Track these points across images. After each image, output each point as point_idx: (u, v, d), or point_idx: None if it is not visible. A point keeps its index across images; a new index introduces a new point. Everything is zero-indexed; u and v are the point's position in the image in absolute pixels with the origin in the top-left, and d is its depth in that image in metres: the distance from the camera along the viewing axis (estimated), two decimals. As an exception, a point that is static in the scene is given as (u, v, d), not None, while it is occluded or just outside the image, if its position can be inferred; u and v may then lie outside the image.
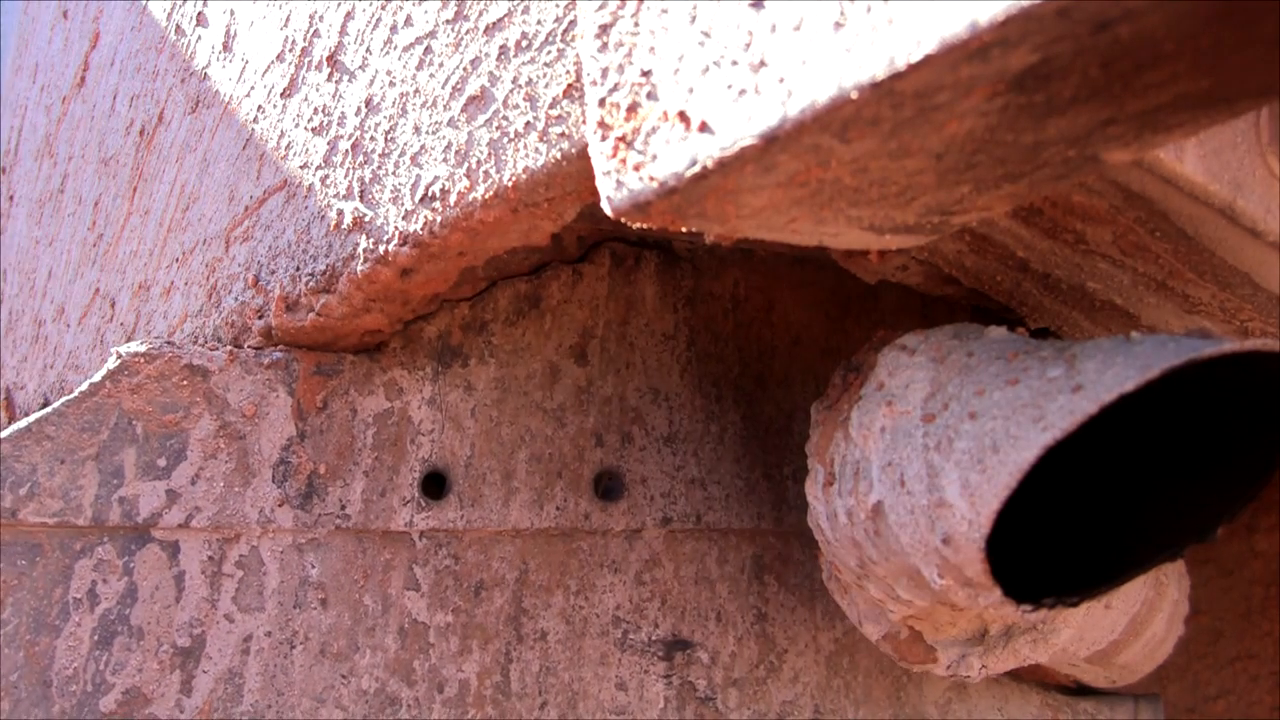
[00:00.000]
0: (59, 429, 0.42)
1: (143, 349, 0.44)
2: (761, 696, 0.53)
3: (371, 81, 0.47)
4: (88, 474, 0.43)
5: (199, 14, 0.64)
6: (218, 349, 0.46)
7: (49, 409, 0.43)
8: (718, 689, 0.51)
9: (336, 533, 0.46)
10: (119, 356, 0.44)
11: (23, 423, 0.42)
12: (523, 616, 0.49)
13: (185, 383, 0.45)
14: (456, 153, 0.41)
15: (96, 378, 0.44)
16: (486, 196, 0.40)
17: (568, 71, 0.37)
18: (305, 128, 0.50)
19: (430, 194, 0.42)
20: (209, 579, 0.44)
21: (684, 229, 0.31)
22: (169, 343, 0.45)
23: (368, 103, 0.46)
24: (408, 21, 0.45)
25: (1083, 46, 0.21)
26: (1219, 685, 0.84)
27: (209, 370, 0.45)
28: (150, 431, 0.44)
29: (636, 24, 0.29)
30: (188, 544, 0.44)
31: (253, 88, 0.56)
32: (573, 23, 0.37)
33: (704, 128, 0.27)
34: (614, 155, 0.30)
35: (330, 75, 0.49)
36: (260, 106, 0.55)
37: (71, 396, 0.43)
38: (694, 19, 0.27)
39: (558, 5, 0.38)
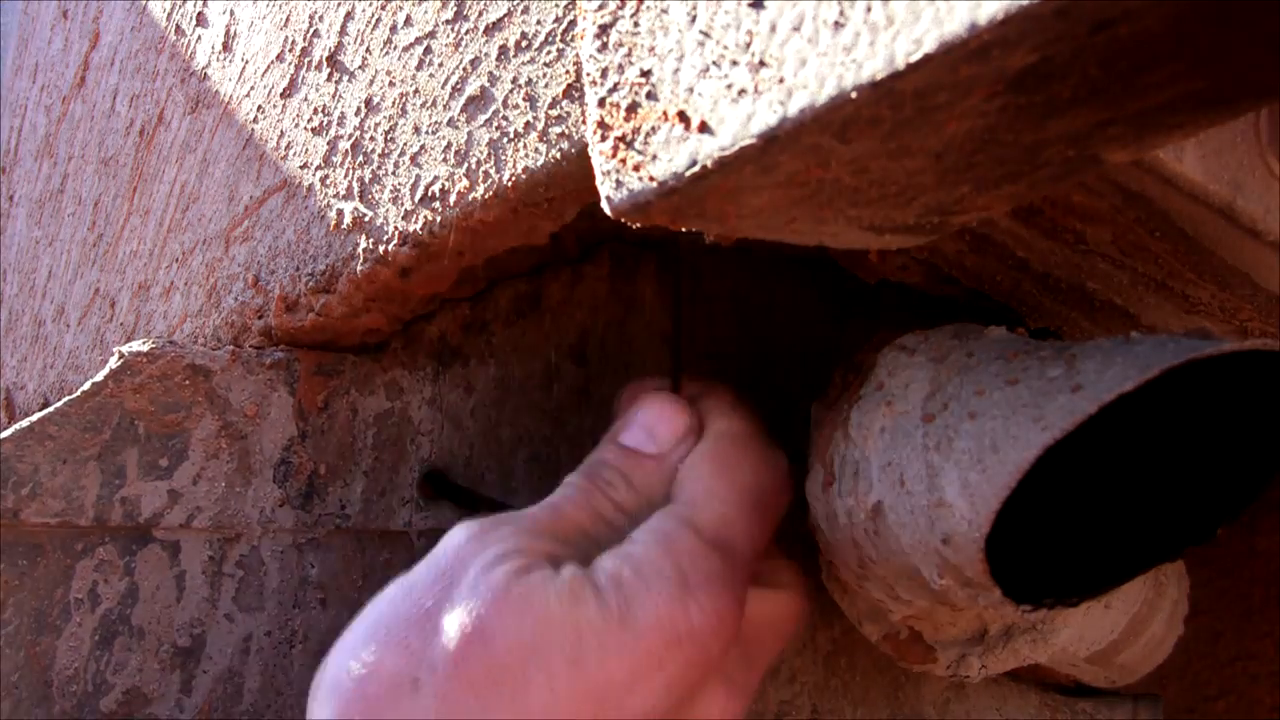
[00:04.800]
0: (61, 429, 0.42)
1: (145, 348, 0.44)
2: (759, 696, 0.52)
3: (371, 81, 0.47)
4: (90, 474, 0.42)
5: (199, 14, 0.64)
6: (220, 349, 0.46)
7: (51, 409, 0.43)
8: (717, 689, 0.51)
9: (336, 533, 0.46)
10: (121, 356, 0.44)
11: (25, 422, 0.42)
12: (523, 616, 0.49)
13: (187, 382, 0.45)
14: (456, 153, 0.41)
15: (99, 377, 0.44)
16: (486, 196, 0.40)
17: (568, 71, 0.37)
18: (305, 128, 0.50)
19: (430, 194, 0.42)
20: (209, 579, 0.44)
21: (684, 229, 0.31)
22: (171, 342, 0.45)
23: (367, 103, 0.46)
24: (407, 21, 0.45)
25: (1082, 46, 0.21)
26: (1219, 685, 0.84)
27: (211, 370, 0.45)
28: (152, 431, 0.44)
29: (636, 24, 0.29)
30: (189, 544, 0.44)
31: (253, 88, 0.56)
32: (573, 23, 0.37)
33: (704, 128, 0.27)
34: (614, 155, 0.30)
35: (330, 75, 0.49)
36: (260, 106, 0.55)
37: (74, 396, 0.43)
38: (694, 19, 0.27)
39: (558, 5, 0.38)
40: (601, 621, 0.32)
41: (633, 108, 0.29)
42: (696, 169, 0.27)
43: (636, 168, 0.29)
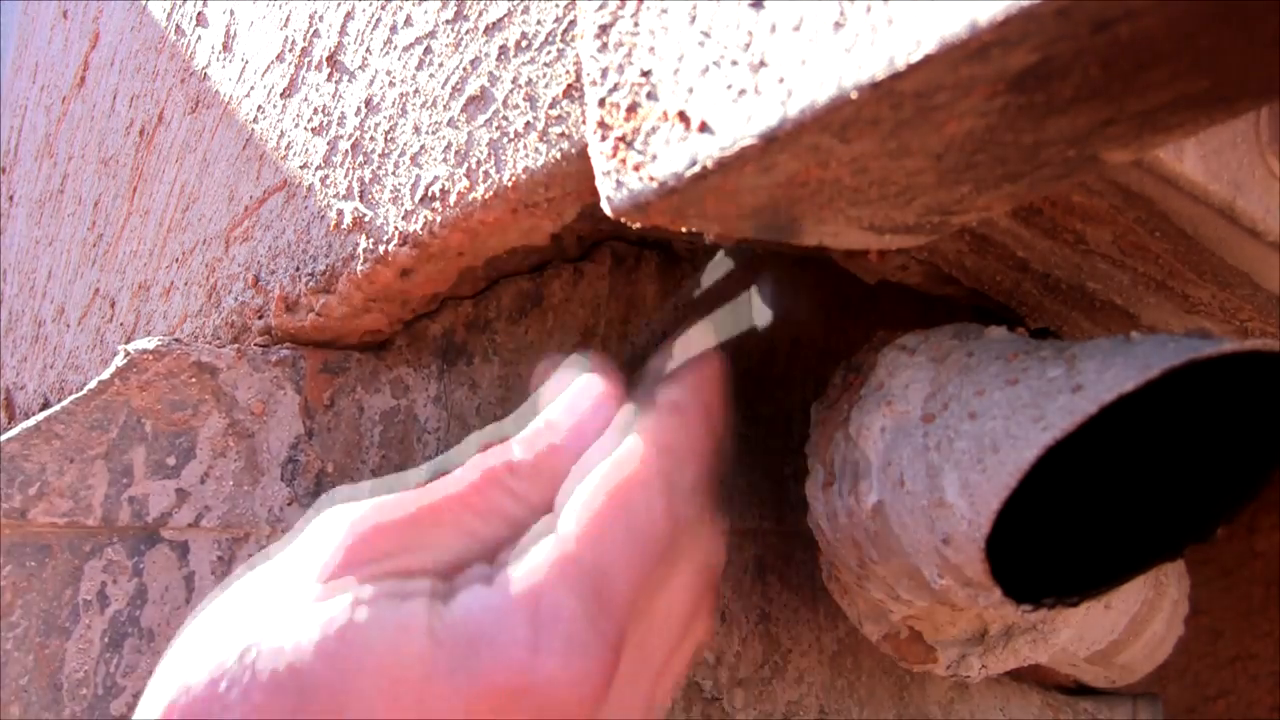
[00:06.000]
0: (68, 428, 0.42)
1: (151, 346, 0.44)
2: (767, 696, 0.53)
3: (371, 81, 0.47)
4: (97, 473, 0.42)
5: (199, 14, 0.64)
6: (225, 346, 0.46)
7: (57, 407, 0.43)
8: (724, 689, 0.51)
9: (342, 532, 0.46)
10: (127, 354, 0.44)
11: (31, 421, 0.42)
12: (524, 616, 0.49)
13: (194, 380, 0.45)
14: (456, 153, 0.41)
15: (105, 375, 0.43)
16: (486, 196, 0.40)
17: (567, 71, 0.37)
18: (305, 128, 0.51)
19: (430, 194, 0.42)
20: (219, 579, 0.44)
21: (684, 229, 0.31)
22: (177, 340, 0.45)
23: (367, 103, 0.47)
24: (407, 21, 0.45)
25: (1082, 46, 0.21)
26: (1219, 685, 0.85)
27: (217, 368, 0.45)
28: (159, 430, 0.44)
29: (636, 24, 0.29)
30: (197, 544, 0.44)
31: (253, 88, 0.56)
32: (573, 23, 0.37)
33: (704, 128, 0.27)
34: (614, 155, 0.30)
35: (330, 75, 0.50)
36: (260, 106, 0.55)
37: (80, 394, 0.43)
38: (694, 19, 0.27)
39: (558, 5, 0.38)
40: (430, 662, 0.29)
41: (633, 108, 0.29)
42: (696, 169, 0.27)
43: (636, 167, 0.29)
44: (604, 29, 0.30)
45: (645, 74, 0.29)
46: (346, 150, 0.47)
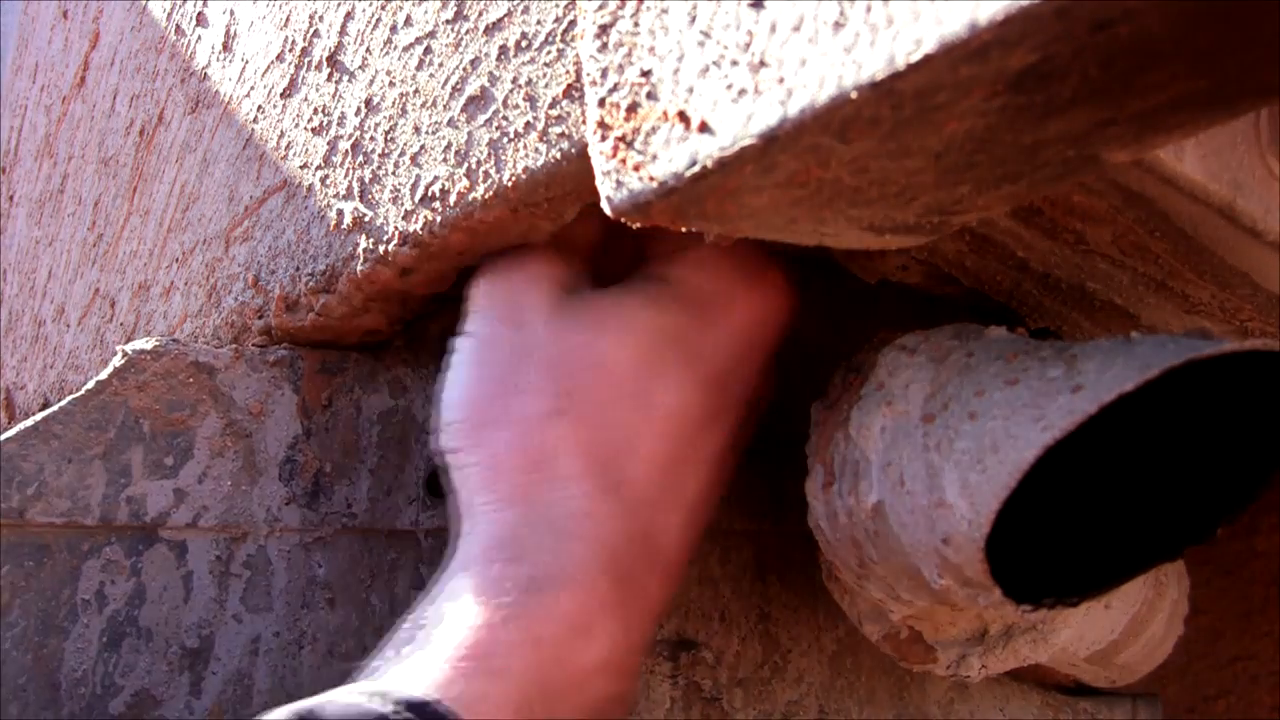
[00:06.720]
0: (66, 428, 0.42)
1: (149, 346, 0.44)
2: (766, 696, 0.53)
3: (371, 81, 0.47)
4: (95, 473, 0.42)
5: (199, 14, 0.64)
6: (223, 347, 0.46)
7: (55, 407, 0.43)
8: (723, 689, 0.51)
9: (343, 532, 0.46)
10: (125, 354, 0.44)
11: (29, 421, 0.42)
12: (524, 616, 0.49)
13: (192, 380, 0.45)
14: (456, 153, 0.41)
15: (103, 375, 0.44)
16: (486, 196, 0.40)
17: (567, 72, 0.37)
18: (305, 128, 0.51)
19: (430, 194, 0.42)
20: (217, 579, 0.44)
21: (684, 229, 0.31)
22: (175, 340, 0.45)
23: (367, 103, 0.47)
24: (408, 21, 0.45)
25: (1081, 46, 0.21)
26: (1219, 685, 0.84)
27: (215, 368, 0.45)
28: (157, 430, 0.44)
29: (636, 24, 0.29)
30: (195, 544, 0.44)
31: (253, 88, 0.56)
32: (573, 23, 0.37)
33: (704, 128, 0.27)
34: (614, 155, 0.30)
35: (330, 75, 0.50)
36: (260, 106, 0.55)
37: (78, 395, 0.43)
38: (694, 19, 0.27)
39: (558, 5, 0.38)
40: (694, 323, 0.36)
41: (633, 108, 0.29)
42: (697, 169, 0.27)
43: (637, 168, 0.29)
44: (604, 29, 0.30)
45: (645, 74, 0.29)
46: (346, 150, 0.47)
